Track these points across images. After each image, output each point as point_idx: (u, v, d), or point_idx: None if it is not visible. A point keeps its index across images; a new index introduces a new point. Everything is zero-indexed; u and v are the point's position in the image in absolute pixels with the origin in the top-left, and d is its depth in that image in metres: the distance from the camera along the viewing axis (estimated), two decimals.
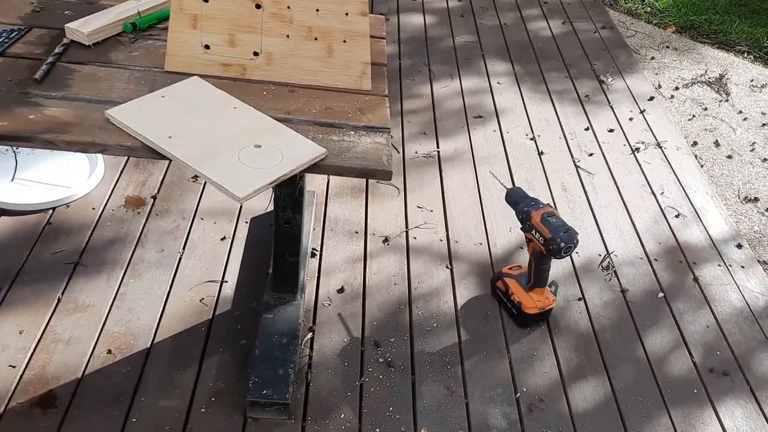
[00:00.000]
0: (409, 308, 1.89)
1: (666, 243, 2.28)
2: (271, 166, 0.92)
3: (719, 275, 2.18)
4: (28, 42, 1.37)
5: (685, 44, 3.74)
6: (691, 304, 2.06)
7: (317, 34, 1.07)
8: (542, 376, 1.77)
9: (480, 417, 1.64)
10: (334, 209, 2.19)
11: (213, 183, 0.90)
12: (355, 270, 1.99)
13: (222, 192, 0.90)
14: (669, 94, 3.23)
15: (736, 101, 3.25)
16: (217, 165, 0.91)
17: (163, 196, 2.14)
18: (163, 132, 0.96)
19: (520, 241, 2.16)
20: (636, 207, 2.41)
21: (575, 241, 1.70)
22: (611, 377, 1.79)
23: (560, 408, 1.70)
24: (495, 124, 2.75)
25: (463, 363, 1.77)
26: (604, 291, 2.05)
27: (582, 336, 1.90)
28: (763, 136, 3.02)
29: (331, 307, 1.86)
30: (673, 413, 1.73)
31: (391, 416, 1.61)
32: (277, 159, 0.93)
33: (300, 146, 0.98)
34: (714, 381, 1.84)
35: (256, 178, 0.90)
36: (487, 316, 1.90)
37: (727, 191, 2.66)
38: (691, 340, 1.94)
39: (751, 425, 1.74)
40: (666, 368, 1.85)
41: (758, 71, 3.56)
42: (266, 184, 0.89)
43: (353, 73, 1.12)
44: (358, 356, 1.74)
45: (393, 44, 3.19)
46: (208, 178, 0.91)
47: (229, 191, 0.87)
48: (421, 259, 2.06)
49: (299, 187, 1.47)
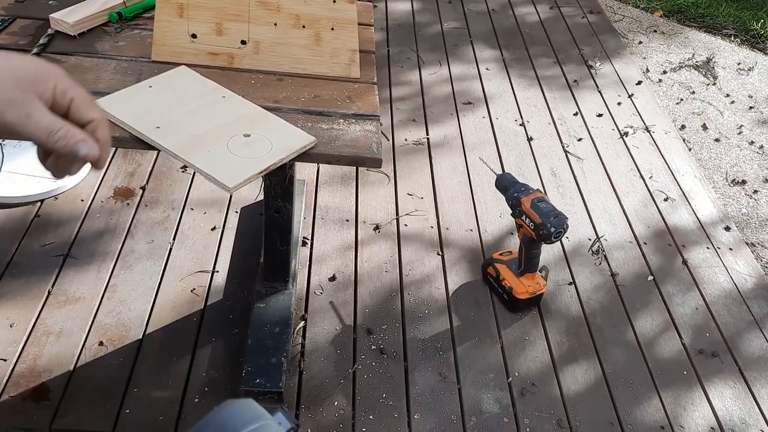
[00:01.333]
0: (400, 295, 1.90)
1: (655, 226, 2.29)
2: (261, 155, 0.91)
3: (708, 258, 2.20)
4: (13, 33, 1.36)
5: (672, 28, 3.74)
6: (680, 286, 2.08)
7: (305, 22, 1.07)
8: (534, 360, 1.78)
9: (473, 402, 1.65)
10: (325, 197, 2.19)
11: (202, 173, 0.89)
12: (346, 258, 1.99)
13: (212, 182, 0.89)
14: (657, 78, 3.24)
15: (723, 84, 3.27)
16: (206, 155, 0.91)
17: (152, 186, 2.13)
18: (152, 122, 0.96)
19: (510, 226, 2.17)
20: (625, 191, 2.42)
21: (565, 226, 1.71)
22: (602, 360, 1.81)
23: (552, 391, 1.71)
24: (484, 110, 2.75)
25: (455, 349, 1.78)
26: (594, 275, 2.06)
27: (573, 320, 1.91)
28: (750, 119, 3.04)
29: (323, 295, 1.86)
30: (663, 395, 1.75)
31: (384, 403, 1.62)
32: (266, 148, 0.93)
33: (289, 135, 0.98)
34: (703, 362, 1.86)
35: (246, 167, 0.89)
36: (478, 302, 1.91)
37: (715, 174, 2.67)
38: (681, 322, 1.96)
39: (740, 405, 1.76)
40: (656, 350, 1.86)
41: (745, 54, 3.57)
42: (256, 174, 0.89)
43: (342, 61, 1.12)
44: (350, 344, 1.74)
45: (381, 31, 3.18)
46: (197, 168, 0.90)
47: (219, 181, 0.87)
48: (412, 246, 2.06)
49: (289, 176, 1.46)
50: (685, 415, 1.71)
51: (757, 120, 3.04)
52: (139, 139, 0.97)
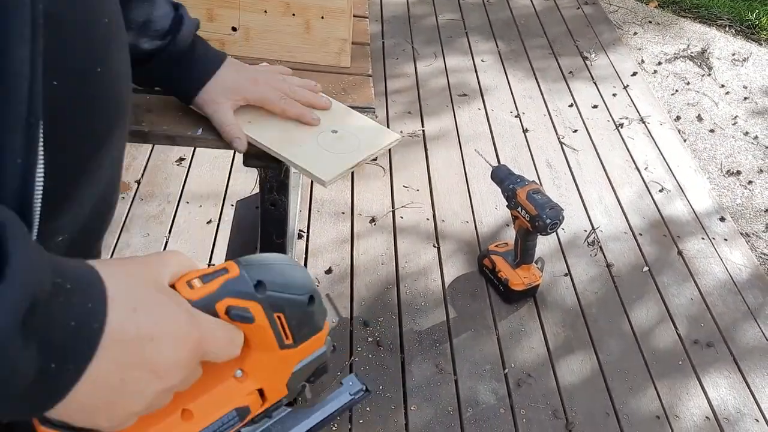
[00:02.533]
0: (397, 287, 1.90)
1: (650, 218, 2.30)
2: (350, 150, 0.91)
3: (703, 248, 2.21)
4: None
5: (667, 19, 3.74)
6: (676, 277, 2.09)
7: (295, 10, 1.06)
8: (530, 351, 1.79)
9: (469, 393, 1.66)
10: (321, 190, 2.19)
11: (298, 167, 0.89)
12: (342, 250, 1.99)
13: (307, 176, 0.89)
14: (652, 69, 3.24)
15: (718, 75, 3.27)
16: (299, 150, 0.91)
17: (147, 180, 2.12)
18: (243, 117, 0.96)
19: (506, 218, 2.17)
20: (620, 182, 2.43)
21: (561, 217, 1.71)
22: (598, 351, 1.82)
23: (548, 382, 1.72)
24: (479, 103, 2.75)
25: (452, 340, 1.78)
26: (589, 266, 2.07)
27: (569, 311, 1.92)
28: (744, 110, 3.04)
29: (319, 287, 1.86)
30: (658, 385, 1.76)
31: (381, 394, 1.62)
32: (354, 144, 0.93)
33: (375, 131, 0.97)
34: (698, 352, 1.86)
35: (339, 162, 0.89)
36: (474, 294, 1.92)
37: (710, 165, 2.68)
38: (676, 312, 1.97)
39: (735, 395, 1.77)
40: (651, 341, 1.87)
41: (740, 45, 3.57)
42: (349, 168, 0.89)
43: (331, 50, 1.11)
44: (347, 336, 1.75)
45: (376, 23, 3.17)
46: (293, 162, 0.91)
47: (315, 175, 0.87)
48: (408, 239, 2.06)
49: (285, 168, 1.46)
50: (680, 405, 1.72)
51: (751, 110, 3.04)
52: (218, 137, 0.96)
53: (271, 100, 0.91)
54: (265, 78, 0.92)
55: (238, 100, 0.89)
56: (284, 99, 0.91)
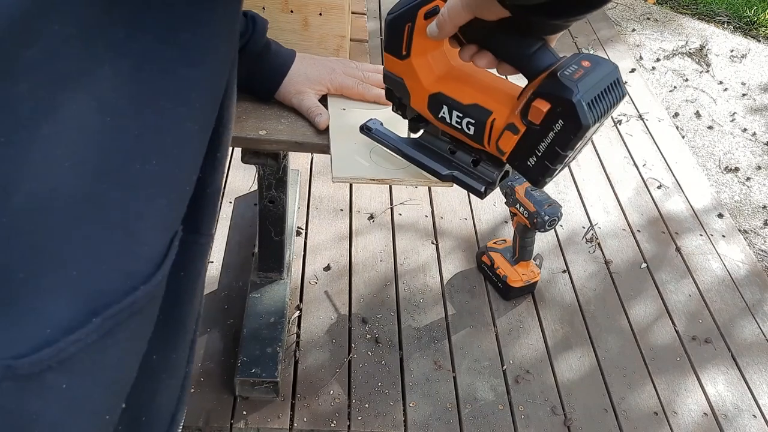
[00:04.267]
0: (395, 284, 1.90)
1: (648, 214, 2.30)
2: (384, 164, 0.86)
3: (701, 245, 2.21)
4: None
5: (665, 15, 3.74)
6: (674, 274, 2.09)
7: (293, 7, 1.06)
8: (528, 348, 1.79)
9: (468, 390, 1.66)
10: (319, 187, 2.19)
11: (329, 152, 0.89)
12: (341, 247, 1.99)
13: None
14: (650, 65, 3.24)
15: (716, 72, 3.27)
16: (346, 142, 0.89)
17: None
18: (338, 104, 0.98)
19: (504, 215, 2.17)
20: (619, 179, 2.43)
21: (559, 214, 1.71)
22: (596, 348, 1.82)
23: (546, 379, 1.72)
24: None
25: (450, 337, 1.78)
26: (588, 263, 2.07)
27: (567, 308, 1.92)
28: (743, 107, 3.04)
29: (318, 285, 1.86)
30: (656, 381, 1.76)
31: (379, 391, 1.62)
32: (395, 161, 0.86)
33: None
34: (696, 349, 1.87)
35: (362, 168, 0.85)
36: (473, 291, 1.92)
37: (708, 161, 2.68)
38: (674, 309, 1.97)
39: (733, 391, 1.77)
40: (649, 337, 1.88)
41: (738, 41, 3.57)
42: (367, 178, 0.85)
43: (330, 47, 1.11)
44: (345, 333, 1.75)
45: (374, 20, 3.16)
46: (329, 146, 0.90)
47: (332, 166, 0.85)
48: (406, 236, 2.06)
49: (282, 165, 1.46)
50: (679, 401, 1.73)
51: (750, 107, 3.04)
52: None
53: (349, 86, 0.99)
54: (341, 67, 1.00)
55: (320, 89, 0.98)
56: (361, 84, 0.99)
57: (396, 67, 0.73)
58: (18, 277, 0.35)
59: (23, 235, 0.35)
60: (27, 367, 0.37)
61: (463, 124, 0.69)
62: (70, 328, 0.38)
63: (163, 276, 0.44)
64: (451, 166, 0.78)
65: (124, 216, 0.40)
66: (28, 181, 0.34)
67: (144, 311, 0.44)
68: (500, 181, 0.75)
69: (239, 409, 1.54)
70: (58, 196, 0.36)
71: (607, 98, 0.60)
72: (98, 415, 0.44)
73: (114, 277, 0.41)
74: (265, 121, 0.98)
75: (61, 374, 0.39)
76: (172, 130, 0.41)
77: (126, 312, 0.42)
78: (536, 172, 0.64)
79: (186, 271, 0.49)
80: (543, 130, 0.61)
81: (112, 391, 0.45)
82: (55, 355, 0.38)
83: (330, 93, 1.00)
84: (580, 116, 0.57)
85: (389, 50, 0.72)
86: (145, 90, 0.38)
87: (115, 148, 0.38)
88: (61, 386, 0.39)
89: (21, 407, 0.38)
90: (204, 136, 0.46)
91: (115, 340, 0.42)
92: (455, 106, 0.69)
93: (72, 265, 0.38)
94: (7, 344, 0.36)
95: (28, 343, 0.37)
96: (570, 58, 0.61)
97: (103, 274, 0.40)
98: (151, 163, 0.40)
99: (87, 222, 0.38)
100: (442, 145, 0.78)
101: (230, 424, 1.51)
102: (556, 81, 0.59)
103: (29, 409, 0.38)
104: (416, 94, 0.73)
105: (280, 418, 1.53)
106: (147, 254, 0.43)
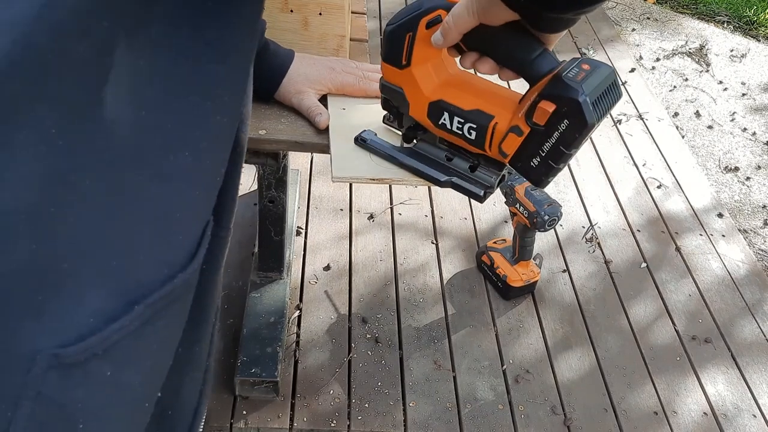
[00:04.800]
0: (395, 284, 1.90)
1: (648, 214, 2.30)
2: (391, 167, 0.85)
3: (701, 244, 2.21)
4: None
5: (665, 15, 3.74)
6: (674, 273, 2.09)
7: (293, 6, 1.06)
8: (528, 347, 1.79)
9: (468, 389, 1.66)
10: (318, 187, 2.19)
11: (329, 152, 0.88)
12: (340, 247, 1.99)
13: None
14: (650, 65, 3.24)
15: (716, 72, 3.27)
16: (346, 142, 0.89)
17: None
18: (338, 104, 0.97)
19: (504, 215, 2.17)
20: (618, 179, 2.43)
21: (559, 214, 1.71)
22: (596, 347, 1.82)
23: (546, 378, 1.72)
24: None
25: (450, 337, 1.78)
26: (588, 263, 2.07)
27: (567, 307, 1.92)
28: (743, 106, 3.04)
29: (318, 284, 1.86)
30: (656, 381, 1.76)
31: (379, 391, 1.62)
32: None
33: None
34: (696, 348, 1.87)
35: (363, 167, 0.85)
36: (473, 290, 1.92)
37: (708, 161, 2.68)
38: (674, 308, 1.97)
39: (732, 390, 1.77)
40: (649, 337, 1.88)
41: (738, 41, 3.57)
42: (365, 178, 0.85)
43: (329, 47, 1.11)
44: (345, 333, 1.75)
45: (374, 20, 3.16)
46: (329, 145, 0.90)
47: (332, 166, 0.85)
48: (406, 235, 2.06)
49: (282, 165, 1.46)
50: (678, 401, 1.73)
51: (749, 107, 3.04)
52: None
53: (350, 83, 0.99)
54: (340, 66, 1.00)
55: (321, 89, 0.98)
56: (362, 80, 0.99)
57: (395, 77, 0.74)
58: (62, 268, 0.36)
59: (68, 227, 0.36)
60: (72, 356, 0.38)
61: (464, 130, 0.72)
62: (112, 316, 0.39)
63: (198, 264, 0.46)
64: (448, 172, 0.80)
65: (160, 207, 0.41)
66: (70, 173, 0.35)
67: (181, 299, 0.46)
68: (498, 184, 0.78)
69: (239, 409, 1.54)
70: (100, 188, 0.37)
71: (608, 98, 0.63)
72: (139, 402, 0.46)
73: (153, 266, 0.42)
74: (264, 121, 0.98)
75: (105, 362, 0.40)
76: (201, 123, 0.42)
77: (165, 300, 0.43)
78: (539, 172, 0.67)
79: (208, 264, 0.51)
80: (548, 131, 0.64)
81: (151, 379, 0.47)
82: (100, 344, 0.39)
83: (331, 92, 1.00)
84: (586, 115, 0.60)
85: (388, 60, 0.73)
86: (178, 85, 0.39)
87: (150, 141, 0.39)
88: (105, 374, 0.41)
89: (66, 396, 0.39)
90: (231, 130, 0.48)
91: (155, 328, 0.43)
92: (456, 113, 0.71)
93: (112, 256, 0.39)
94: (53, 333, 0.37)
95: (72, 332, 0.38)
96: (570, 62, 0.63)
97: (142, 263, 0.41)
98: (184, 155, 0.41)
99: (126, 213, 0.39)
100: (439, 152, 0.81)
101: (230, 424, 1.51)
102: (561, 83, 0.61)
103: (74, 397, 0.39)
104: (415, 103, 0.75)
105: (280, 417, 1.54)
106: (183, 244, 0.45)
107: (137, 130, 0.38)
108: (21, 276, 0.35)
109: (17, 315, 0.36)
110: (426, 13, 0.67)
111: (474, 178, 0.79)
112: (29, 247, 0.34)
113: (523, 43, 0.63)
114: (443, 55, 0.73)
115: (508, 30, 0.62)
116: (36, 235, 0.35)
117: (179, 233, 0.44)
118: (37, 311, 0.36)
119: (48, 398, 0.38)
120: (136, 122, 0.38)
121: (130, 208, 0.39)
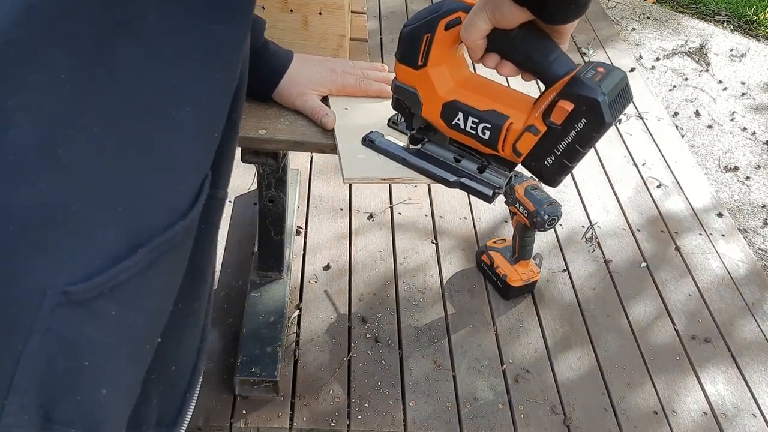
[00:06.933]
0: (395, 284, 1.90)
1: (648, 213, 2.30)
2: (397, 166, 0.86)
3: (701, 244, 2.21)
4: None
5: (665, 14, 3.74)
6: (674, 273, 2.09)
7: (293, 6, 1.06)
8: (528, 347, 1.79)
9: (467, 389, 1.66)
10: (318, 187, 2.19)
11: (338, 153, 0.88)
12: (340, 247, 1.99)
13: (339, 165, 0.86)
14: (650, 65, 3.24)
15: (716, 71, 3.27)
16: (353, 142, 0.89)
17: None
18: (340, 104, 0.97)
19: (504, 214, 2.17)
20: (618, 178, 2.43)
21: (559, 213, 1.71)
22: (596, 347, 1.82)
23: (546, 378, 1.72)
24: None
25: (450, 336, 1.78)
26: (587, 262, 2.07)
27: (566, 307, 1.92)
28: (742, 106, 3.04)
29: (318, 284, 1.86)
30: (656, 380, 1.76)
31: (379, 390, 1.62)
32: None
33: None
34: (696, 348, 1.87)
35: (373, 168, 0.85)
36: (472, 290, 1.92)
37: (708, 161, 2.68)
38: (674, 308, 1.97)
39: (732, 390, 1.77)
40: (649, 337, 1.88)
41: (738, 41, 3.57)
42: (377, 178, 0.86)
43: (329, 46, 1.11)
44: (345, 332, 1.75)
45: (374, 19, 3.16)
46: (337, 147, 0.90)
47: (342, 168, 0.85)
48: (406, 235, 2.06)
49: (282, 165, 1.46)
50: (678, 401, 1.73)
51: (749, 106, 3.04)
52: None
53: (351, 84, 0.99)
54: (341, 67, 1.01)
55: (322, 90, 0.99)
56: (362, 80, 1.00)
57: (410, 78, 0.75)
58: (71, 209, 0.39)
59: (79, 170, 0.38)
60: (81, 294, 0.40)
61: (478, 130, 0.73)
62: (118, 257, 0.42)
63: (197, 213, 0.49)
64: (457, 173, 0.81)
65: (165, 156, 0.44)
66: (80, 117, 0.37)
67: (181, 245, 0.48)
68: (506, 186, 0.79)
69: (239, 409, 1.54)
70: (109, 134, 0.39)
71: (622, 100, 0.65)
72: (141, 343, 0.48)
73: (155, 212, 0.45)
74: (264, 121, 0.98)
75: (111, 301, 0.42)
76: (204, 80, 0.45)
77: (167, 244, 0.46)
78: (553, 170, 0.70)
79: (205, 223, 0.53)
80: (565, 129, 0.66)
81: (153, 321, 0.49)
82: (106, 283, 0.41)
83: (332, 94, 1.00)
84: (604, 114, 0.62)
85: (404, 61, 0.74)
86: (184, 41, 0.42)
87: (157, 93, 0.41)
88: (111, 312, 0.43)
89: (74, 333, 0.41)
90: (230, 88, 0.50)
91: (157, 271, 0.46)
92: (471, 113, 0.73)
93: (119, 200, 0.41)
94: (63, 271, 0.39)
95: (81, 270, 0.40)
96: (586, 65, 0.66)
97: (146, 209, 0.44)
98: (186, 109, 0.44)
99: (131, 160, 0.41)
100: (447, 153, 0.82)
101: (230, 424, 1.51)
102: (580, 83, 0.63)
103: (81, 335, 0.41)
104: (429, 103, 0.75)
105: (280, 417, 1.54)
106: (184, 192, 0.47)
107: (145, 81, 0.40)
108: (33, 213, 0.37)
109: (29, 251, 0.38)
110: (445, 15, 0.68)
111: (482, 178, 0.81)
112: (40, 186, 0.36)
113: (540, 46, 0.65)
114: (457, 57, 0.74)
115: (523, 33, 0.64)
116: (46, 174, 0.37)
117: (180, 182, 0.46)
118: (48, 248, 0.38)
119: (57, 334, 0.40)
120: (145, 73, 0.40)
121: (136, 155, 0.41)
